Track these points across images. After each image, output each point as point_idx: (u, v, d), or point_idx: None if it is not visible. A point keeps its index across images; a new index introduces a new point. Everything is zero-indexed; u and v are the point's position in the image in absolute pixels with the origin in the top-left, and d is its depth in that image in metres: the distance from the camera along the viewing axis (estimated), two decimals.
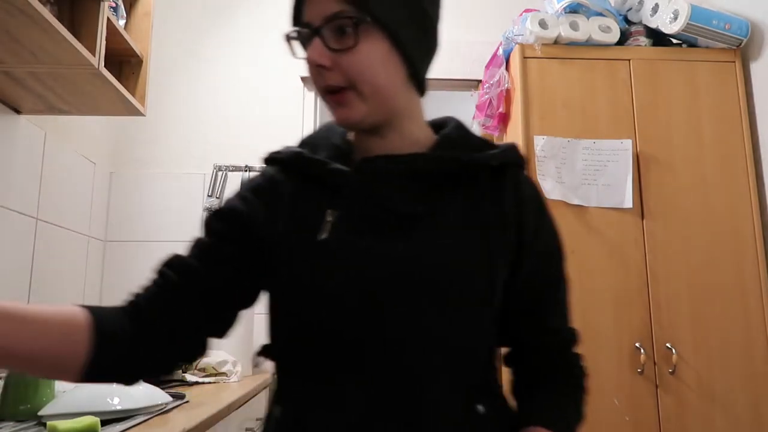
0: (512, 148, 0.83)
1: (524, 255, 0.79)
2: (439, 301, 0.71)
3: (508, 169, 0.81)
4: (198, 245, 0.78)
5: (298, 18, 0.76)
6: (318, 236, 0.74)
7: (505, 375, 0.87)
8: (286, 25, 0.78)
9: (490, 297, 0.74)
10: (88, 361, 0.65)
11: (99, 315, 0.67)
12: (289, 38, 0.76)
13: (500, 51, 2.32)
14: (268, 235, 0.76)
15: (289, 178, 0.80)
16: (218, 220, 0.79)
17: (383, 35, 0.72)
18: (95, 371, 0.67)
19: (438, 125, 0.86)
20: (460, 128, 0.85)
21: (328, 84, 0.73)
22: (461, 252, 0.73)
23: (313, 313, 0.72)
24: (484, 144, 0.83)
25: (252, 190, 0.81)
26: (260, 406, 2.13)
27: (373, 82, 0.73)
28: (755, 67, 2.20)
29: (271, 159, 0.83)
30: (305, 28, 0.74)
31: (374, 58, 0.72)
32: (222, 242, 0.77)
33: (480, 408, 0.74)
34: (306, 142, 0.84)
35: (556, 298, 0.84)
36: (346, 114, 0.75)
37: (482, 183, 0.78)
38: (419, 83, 0.79)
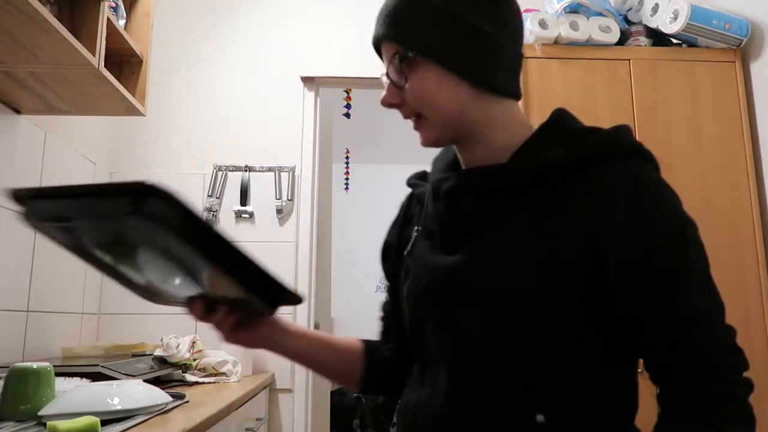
0: (606, 136, 0.77)
1: (606, 266, 0.70)
2: (481, 309, 0.75)
3: (596, 163, 0.73)
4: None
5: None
6: (405, 252, 0.90)
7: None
8: (286, 24, 0.79)
9: (536, 309, 0.71)
10: (362, 376, 0.93)
11: (369, 344, 0.96)
12: (384, 83, 0.84)
13: None
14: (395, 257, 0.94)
15: (414, 199, 0.96)
16: (381, 257, 0.99)
17: (432, 62, 0.77)
18: (366, 384, 0.93)
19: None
20: (553, 123, 0.81)
21: (403, 116, 0.83)
22: (510, 265, 0.73)
23: (405, 320, 0.88)
24: (580, 135, 0.78)
25: (395, 216, 1.00)
26: (260, 406, 2.13)
27: (433, 107, 0.78)
28: (755, 67, 2.20)
29: (407, 182, 0.98)
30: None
31: (428, 86, 0.77)
32: (387, 278, 0.97)
33: (540, 417, 0.69)
34: (434, 158, 0.95)
35: (665, 307, 0.69)
36: (423, 137, 0.82)
37: (550, 188, 0.74)
38: (497, 90, 0.79)
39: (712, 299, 0.71)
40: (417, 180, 0.95)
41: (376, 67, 2.59)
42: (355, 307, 5.62)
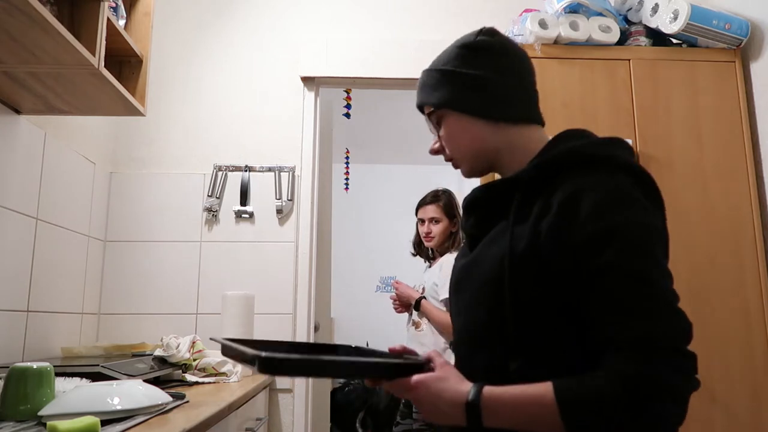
0: (561, 152, 0.90)
1: (550, 264, 0.83)
2: (469, 301, 0.94)
3: (560, 175, 0.87)
4: None
5: None
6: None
7: None
8: (286, 25, 0.79)
9: (501, 299, 0.86)
10: None
11: None
12: None
13: None
14: None
15: None
16: None
17: (452, 112, 0.99)
18: None
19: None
20: (552, 142, 0.95)
21: (446, 160, 1.04)
22: (486, 264, 0.91)
23: None
24: (552, 149, 0.93)
25: None
26: (260, 406, 2.13)
27: (460, 149, 1.00)
28: (755, 67, 2.20)
29: None
30: None
31: (454, 131, 1.00)
32: None
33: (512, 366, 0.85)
34: None
35: (612, 292, 0.78)
36: (462, 172, 1.03)
37: (517, 200, 0.90)
38: (508, 118, 0.97)
39: (631, 291, 0.77)
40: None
41: (375, 68, 2.60)
42: (355, 307, 5.63)
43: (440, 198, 2.72)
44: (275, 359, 0.78)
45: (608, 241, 0.79)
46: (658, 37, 2.30)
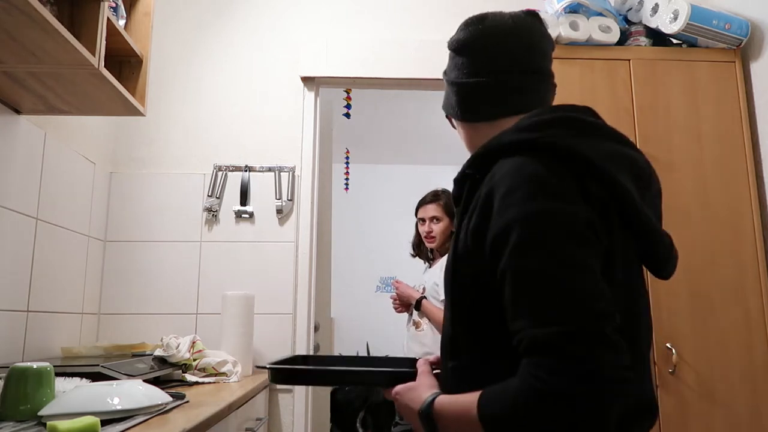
0: (490, 142, 0.90)
1: (472, 250, 0.85)
2: (449, 296, 0.93)
3: (493, 163, 0.87)
4: None
5: None
6: None
7: None
8: (286, 25, 0.79)
9: (454, 292, 0.88)
10: None
11: None
12: None
13: None
14: None
15: None
16: None
17: (450, 116, 1.08)
18: None
19: None
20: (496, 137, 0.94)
21: None
22: (449, 258, 0.91)
23: None
24: (484, 145, 0.92)
25: None
26: (260, 406, 2.13)
27: (469, 147, 1.05)
28: (755, 67, 2.20)
29: None
30: None
31: (462, 133, 1.06)
32: None
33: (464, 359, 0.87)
34: None
35: (513, 295, 0.75)
36: None
37: (464, 190, 0.93)
38: (480, 118, 1.01)
39: (543, 287, 0.73)
40: None
41: (375, 68, 2.60)
42: (355, 307, 5.63)
43: (440, 197, 2.72)
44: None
45: (506, 241, 0.76)
46: (658, 37, 2.30)
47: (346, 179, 5.77)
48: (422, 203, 2.77)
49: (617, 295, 0.76)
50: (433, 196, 2.75)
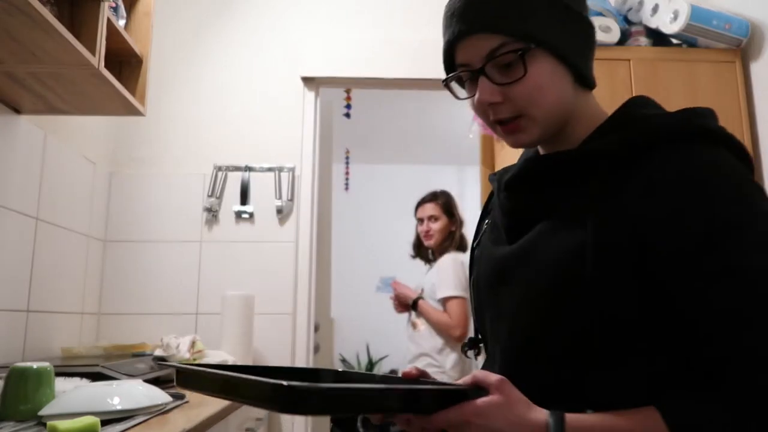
0: (661, 122, 0.72)
1: (647, 255, 0.65)
2: (523, 302, 0.74)
3: (653, 148, 0.68)
4: None
5: (451, 61, 0.78)
6: (474, 244, 0.91)
7: None
8: (286, 25, 0.78)
9: (578, 301, 0.68)
10: None
11: None
12: (447, 83, 0.79)
13: None
14: None
15: (492, 193, 0.93)
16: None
17: (547, 53, 0.73)
18: None
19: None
20: (623, 110, 0.77)
21: (498, 118, 0.75)
22: (556, 253, 0.70)
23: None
24: (639, 120, 0.73)
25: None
26: None
27: (545, 104, 0.74)
28: (755, 67, 2.20)
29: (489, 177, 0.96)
30: (464, 69, 0.76)
31: (543, 79, 0.73)
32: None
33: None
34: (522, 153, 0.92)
35: (702, 305, 0.63)
36: (521, 139, 0.77)
37: (601, 174, 0.70)
38: (590, 83, 0.80)
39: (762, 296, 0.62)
40: (495, 174, 0.93)
41: (375, 68, 2.60)
42: (355, 307, 5.63)
43: (438, 197, 2.73)
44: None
45: (730, 236, 0.63)
46: (658, 37, 2.30)
47: (346, 179, 5.77)
48: (420, 203, 2.78)
49: None
50: (431, 196, 2.75)
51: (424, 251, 2.80)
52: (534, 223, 0.75)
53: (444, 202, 2.71)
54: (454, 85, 0.79)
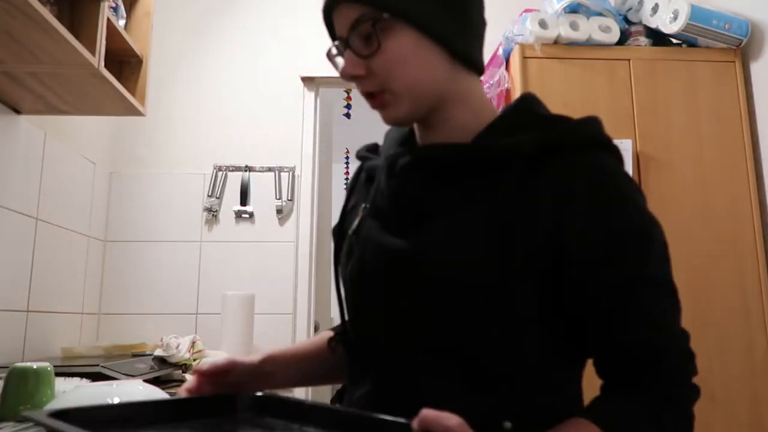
0: (576, 126, 0.71)
1: (566, 262, 0.66)
2: (430, 299, 0.69)
3: (563, 152, 0.68)
4: None
5: (333, 34, 0.76)
6: (349, 230, 0.80)
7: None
8: (286, 25, 0.78)
9: (493, 303, 0.67)
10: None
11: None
12: (330, 56, 0.76)
13: (500, 51, 2.32)
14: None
15: (363, 173, 0.86)
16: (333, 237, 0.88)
17: (408, 26, 0.69)
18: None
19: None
20: (522, 107, 0.76)
21: (365, 90, 0.73)
22: (465, 251, 0.67)
23: (344, 301, 0.81)
24: (549, 122, 0.73)
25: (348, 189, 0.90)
26: None
27: (405, 78, 0.70)
28: (755, 67, 2.20)
29: (357, 154, 0.90)
30: (339, 41, 0.73)
31: (402, 53, 0.70)
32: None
33: (508, 425, 0.64)
34: (386, 134, 0.88)
35: (622, 310, 0.66)
36: (389, 115, 0.75)
37: (515, 173, 0.68)
38: (469, 63, 0.74)
39: (672, 301, 0.69)
40: (368, 153, 0.87)
41: None
42: None
43: None
44: None
45: (643, 245, 0.68)
46: (658, 37, 2.30)
47: (346, 179, 5.77)
48: None
49: None
50: None
51: None
52: (432, 214, 0.71)
53: None
54: (339, 59, 0.75)
